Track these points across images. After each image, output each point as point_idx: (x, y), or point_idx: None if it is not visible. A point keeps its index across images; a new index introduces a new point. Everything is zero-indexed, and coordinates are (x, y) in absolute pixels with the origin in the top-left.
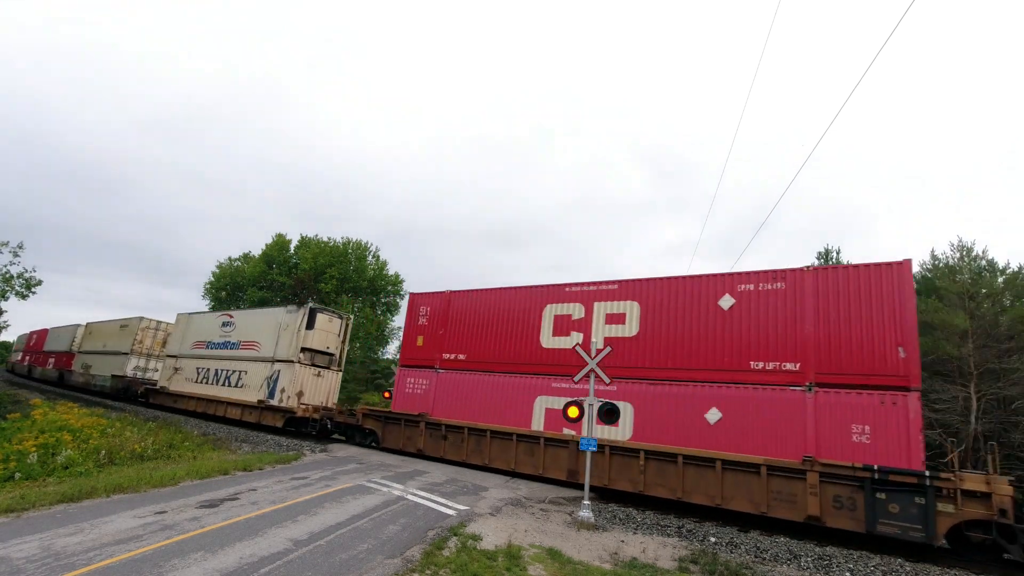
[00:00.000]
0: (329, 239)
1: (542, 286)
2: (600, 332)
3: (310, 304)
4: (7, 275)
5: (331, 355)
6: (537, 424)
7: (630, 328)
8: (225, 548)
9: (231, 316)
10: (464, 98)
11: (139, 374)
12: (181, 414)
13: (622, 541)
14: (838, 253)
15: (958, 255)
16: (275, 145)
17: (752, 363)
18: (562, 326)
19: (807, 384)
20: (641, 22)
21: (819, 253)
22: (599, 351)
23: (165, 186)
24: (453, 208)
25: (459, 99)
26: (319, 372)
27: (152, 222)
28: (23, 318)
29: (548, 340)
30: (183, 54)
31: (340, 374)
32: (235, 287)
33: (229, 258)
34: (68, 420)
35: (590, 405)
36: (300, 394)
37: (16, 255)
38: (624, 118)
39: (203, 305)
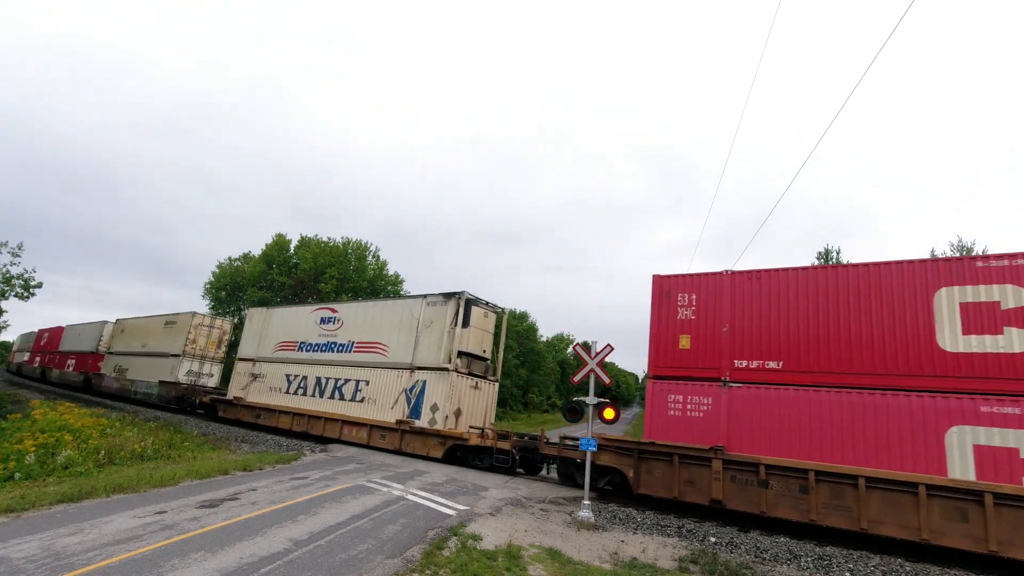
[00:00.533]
0: (329, 239)
1: (925, 261)
2: None
3: (465, 293)
4: (7, 275)
5: (486, 361)
6: (958, 470)
7: None
8: (225, 548)
9: (334, 310)
10: (464, 98)
11: (193, 380)
12: (263, 431)
13: (622, 541)
14: (838, 253)
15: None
16: (275, 145)
17: None
18: (981, 319)
19: None
20: (641, 23)
21: (819, 253)
22: (599, 351)
23: (165, 186)
24: (453, 208)
25: (459, 99)
26: (476, 383)
27: (152, 222)
28: (21, 318)
29: (954, 341)
30: (183, 54)
31: (497, 386)
32: (235, 287)
33: (229, 258)
34: (68, 420)
35: (588, 404)
36: (458, 412)
37: (16, 255)
38: (624, 118)
39: (203, 305)
